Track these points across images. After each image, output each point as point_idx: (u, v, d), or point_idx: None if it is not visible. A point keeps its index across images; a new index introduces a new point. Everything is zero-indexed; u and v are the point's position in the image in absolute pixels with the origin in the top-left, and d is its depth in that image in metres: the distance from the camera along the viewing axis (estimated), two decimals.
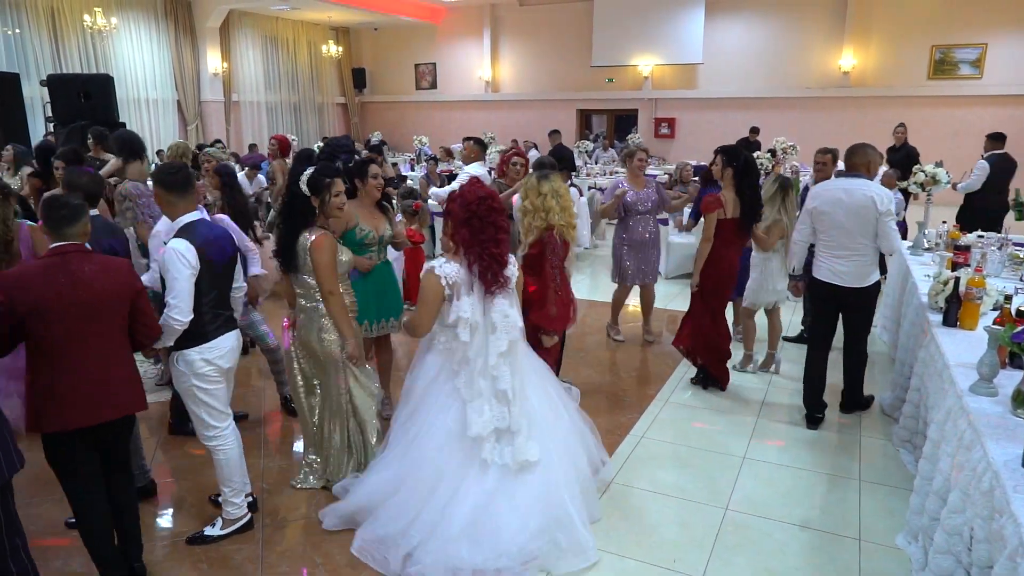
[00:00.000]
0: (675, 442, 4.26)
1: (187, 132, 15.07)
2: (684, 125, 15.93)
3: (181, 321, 2.89)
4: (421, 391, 3.18)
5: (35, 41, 12.26)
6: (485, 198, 3.05)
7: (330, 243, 3.33)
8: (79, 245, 2.63)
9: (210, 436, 3.15)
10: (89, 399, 2.62)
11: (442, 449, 3.06)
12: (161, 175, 3.08)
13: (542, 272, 3.68)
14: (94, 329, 2.62)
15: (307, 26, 17.89)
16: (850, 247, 4.13)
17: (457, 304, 3.04)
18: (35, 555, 3.15)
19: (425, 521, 2.99)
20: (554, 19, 16.73)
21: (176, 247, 2.89)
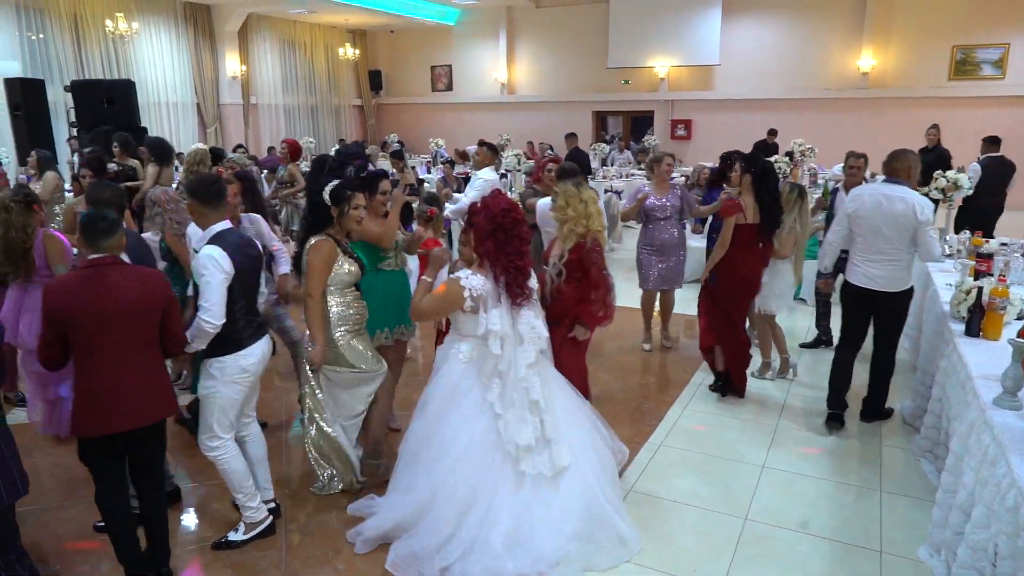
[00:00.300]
0: (694, 450, 4.26)
1: (206, 135, 15.24)
2: (700, 127, 15.87)
3: (214, 324, 2.95)
4: (441, 403, 3.18)
5: (58, 46, 12.45)
6: (509, 210, 3.10)
7: (328, 249, 3.36)
8: (115, 257, 2.74)
9: (213, 446, 3.18)
10: (123, 405, 2.71)
11: (473, 463, 3.06)
12: (196, 187, 3.15)
13: (588, 274, 3.70)
14: (129, 337, 2.71)
15: (324, 29, 18.02)
16: (886, 252, 4.12)
17: (485, 317, 3.07)
18: (65, 558, 3.24)
19: (463, 537, 2.99)
20: (570, 21, 16.72)
21: (210, 253, 2.97)
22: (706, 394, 5.08)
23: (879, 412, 4.56)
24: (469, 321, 3.14)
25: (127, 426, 2.75)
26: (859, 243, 4.23)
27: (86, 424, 2.69)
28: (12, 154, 10.61)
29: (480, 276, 3.10)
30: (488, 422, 3.11)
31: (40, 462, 4.16)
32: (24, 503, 3.70)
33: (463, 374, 3.18)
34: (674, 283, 5.92)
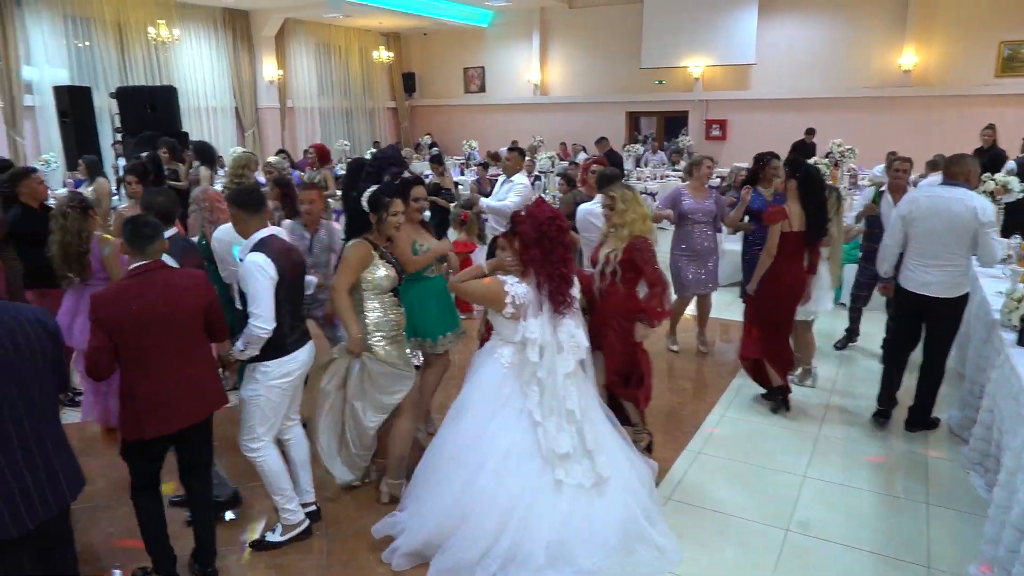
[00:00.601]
0: (733, 459, 4.21)
1: (244, 138, 15.51)
2: (736, 127, 15.67)
3: (266, 329, 3.01)
4: (482, 408, 3.18)
5: (104, 54, 12.77)
6: (554, 218, 3.15)
7: (364, 250, 3.41)
8: (160, 261, 2.83)
9: (254, 448, 3.23)
10: (175, 406, 2.81)
11: (513, 471, 3.06)
12: (237, 196, 3.22)
13: (642, 273, 3.75)
14: (177, 339, 2.80)
15: (359, 32, 18.21)
16: (942, 257, 4.04)
17: (524, 324, 3.09)
18: (116, 555, 3.33)
19: (502, 548, 2.98)
20: (603, 21, 16.64)
21: (255, 260, 3.03)
22: (745, 401, 5.02)
23: (925, 422, 4.45)
24: (510, 327, 3.17)
25: (179, 425, 2.84)
26: (914, 247, 4.16)
27: (138, 427, 2.76)
28: (60, 159, 10.91)
29: (524, 285, 3.12)
30: (527, 429, 3.12)
31: (91, 461, 4.27)
32: (76, 501, 3.82)
33: (504, 379, 3.19)
34: (710, 286, 5.86)
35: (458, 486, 3.09)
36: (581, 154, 14.07)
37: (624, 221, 3.78)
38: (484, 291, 3.20)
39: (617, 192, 3.86)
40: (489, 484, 3.05)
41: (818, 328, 5.37)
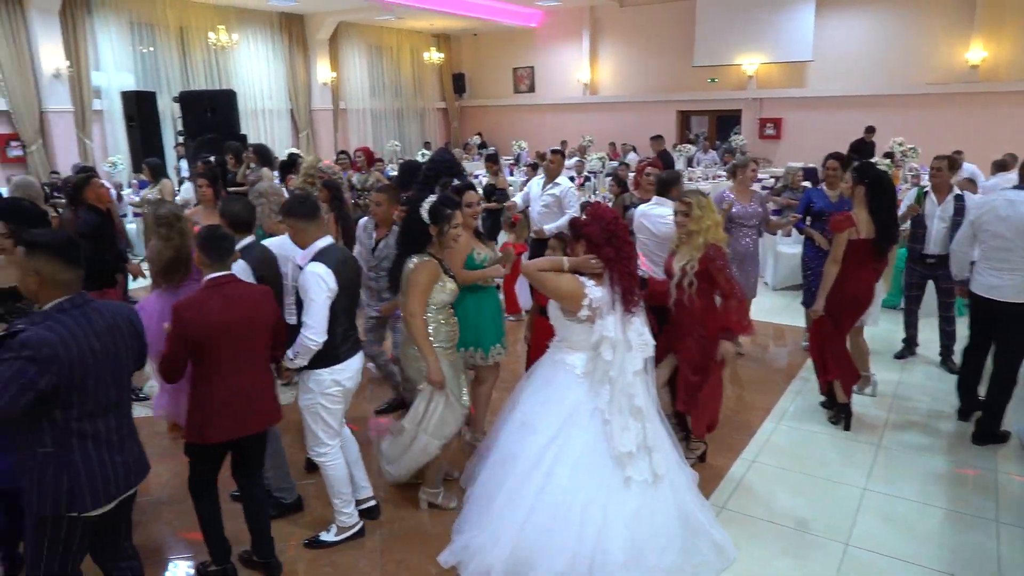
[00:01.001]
0: (790, 468, 4.12)
1: (298, 140, 15.85)
2: (791, 126, 15.31)
3: (316, 341, 3.06)
4: (558, 422, 3.16)
5: (167, 59, 13.22)
6: (616, 217, 3.18)
7: (432, 269, 3.35)
8: (232, 275, 2.91)
9: (322, 452, 3.31)
10: (245, 413, 2.91)
11: (587, 470, 3.07)
12: (291, 208, 3.24)
13: (715, 283, 3.71)
14: (247, 350, 2.89)
15: (410, 34, 18.42)
16: (1010, 260, 3.93)
17: (601, 323, 3.10)
18: (180, 547, 3.45)
19: (587, 551, 2.97)
20: (655, 19, 16.46)
21: (316, 271, 3.06)
22: (801, 408, 4.90)
23: (994, 434, 4.28)
24: (582, 332, 3.16)
25: (247, 431, 2.95)
26: (984, 251, 4.07)
27: (202, 432, 2.87)
28: (127, 161, 11.34)
29: (600, 288, 3.12)
30: (597, 428, 3.13)
31: (154, 454, 4.44)
32: (141, 494, 3.97)
33: (578, 388, 3.17)
34: (751, 292, 5.73)
35: (531, 499, 3.06)
36: (631, 154, 13.94)
37: (700, 228, 3.72)
38: (567, 289, 3.13)
39: (693, 198, 3.79)
40: (566, 488, 3.04)
41: (876, 335, 5.21)
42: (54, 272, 2.26)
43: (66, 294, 2.29)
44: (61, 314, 2.24)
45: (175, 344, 2.78)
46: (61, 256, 2.27)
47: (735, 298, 3.71)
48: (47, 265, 2.25)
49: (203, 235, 2.90)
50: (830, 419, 4.68)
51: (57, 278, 2.26)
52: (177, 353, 2.78)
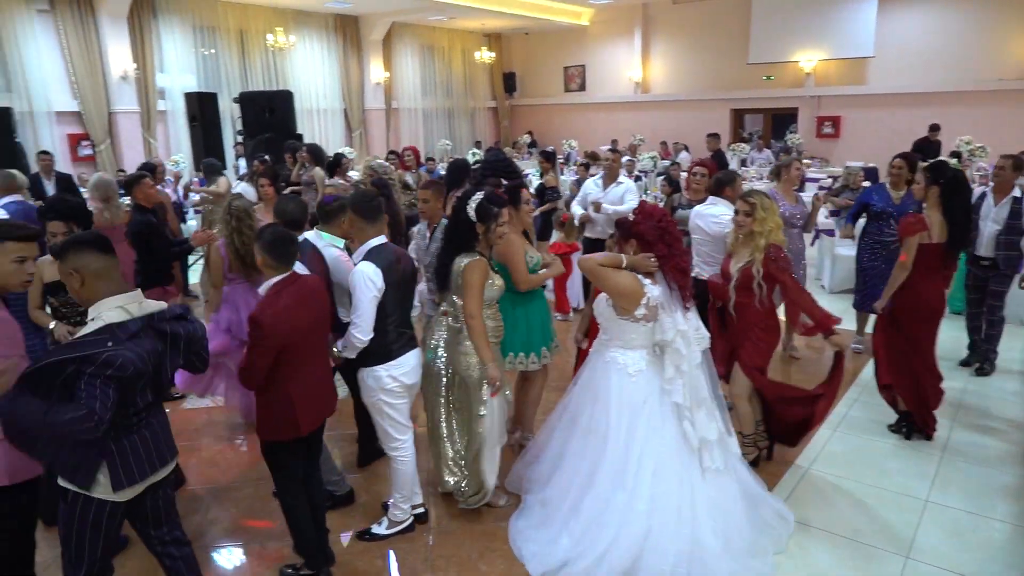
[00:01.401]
0: (847, 477, 4.01)
1: (351, 139, 16.13)
2: (850, 124, 14.87)
3: (362, 339, 3.11)
4: (620, 424, 3.16)
5: (227, 61, 13.63)
6: (665, 215, 3.22)
7: (483, 268, 3.35)
8: (295, 273, 2.95)
9: (393, 447, 3.38)
10: (314, 406, 2.99)
11: (674, 469, 3.11)
12: (357, 203, 3.30)
13: (780, 283, 3.69)
14: (314, 345, 2.97)
15: (462, 34, 18.55)
16: None
17: (670, 320, 3.13)
18: (241, 534, 3.55)
19: (685, 547, 3.01)
20: (709, 16, 16.20)
21: (365, 270, 3.11)
22: (859, 415, 4.76)
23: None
24: (635, 330, 3.17)
25: (319, 422, 3.07)
26: None
27: (295, 426, 2.90)
28: (188, 160, 11.72)
29: (657, 286, 3.14)
30: (675, 425, 3.16)
31: (212, 445, 4.60)
32: (201, 483, 4.11)
33: (636, 388, 3.18)
34: None
35: (621, 506, 3.08)
36: (683, 153, 13.76)
37: (763, 230, 3.68)
38: (627, 286, 3.11)
39: (757, 198, 3.74)
40: (658, 493, 3.06)
41: (939, 341, 5.01)
42: (88, 264, 2.30)
43: (108, 283, 2.33)
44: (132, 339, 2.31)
45: (261, 354, 2.75)
46: (89, 247, 2.32)
47: (802, 298, 3.67)
48: (78, 260, 2.30)
49: (269, 238, 2.88)
50: (891, 427, 4.53)
51: (92, 267, 2.31)
52: (263, 362, 2.76)
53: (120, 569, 3.05)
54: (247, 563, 3.42)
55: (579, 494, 3.23)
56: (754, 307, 3.76)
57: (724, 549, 3.06)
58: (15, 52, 10.77)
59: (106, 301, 2.32)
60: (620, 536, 3.05)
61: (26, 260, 2.51)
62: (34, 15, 10.94)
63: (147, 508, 2.54)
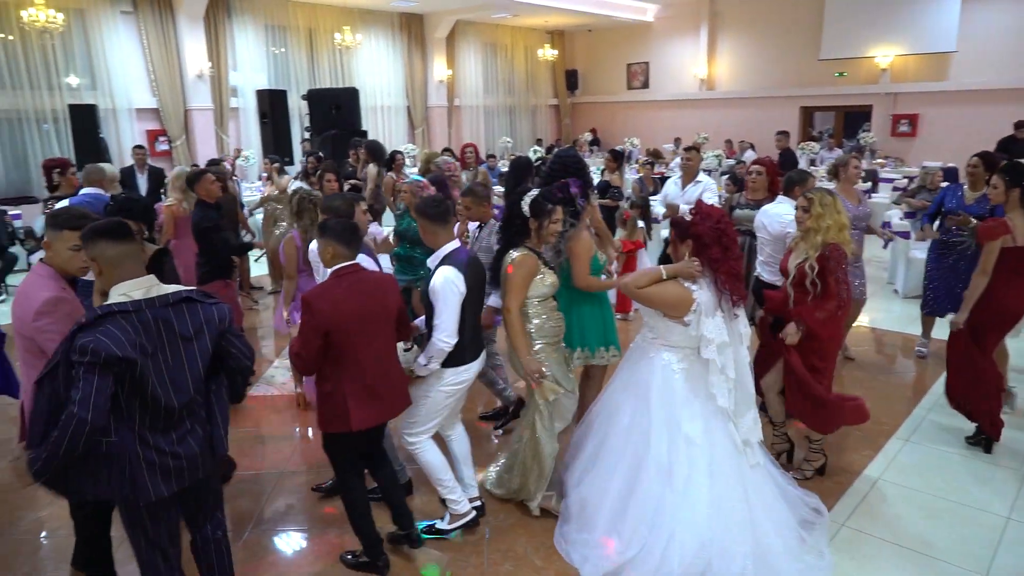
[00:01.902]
0: (920, 489, 3.83)
1: (414, 136, 16.35)
2: (928, 122, 14.23)
3: (449, 344, 3.10)
4: (667, 425, 3.13)
5: (296, 59, 14.02)
6: (724, 216, 3.14)
7: (531, 264, 3.30)
8: (358, 264, 2.98)
9: (411, 441, 3.34)
10: (371, 404, 2.96)
11: (725, 474, 3.07)
12: (426, 208, 3.26)
13: (825, 282, 3.56)
14: (376, 338, 2.96)
15: (525, 31, 18.56)
16: None
17: (709, 322, 3.07)
18: (301, 520, 3.62)
19: (748, 552, 2.98)
20: (779, 10, 15.75)
21: (447, 275, 3.09)
22: (934, 426, 4.54)
23: None
24: (683, 332, 3.12)
25: (380, 420, 3.04)
26: None
27: (362, 418, 2.92)
28: (258, 156, 12.11)
29: (705, 291, 3.08)
30: (723, 426, 3.13)
31: (277, 430, 4.73)
32: (265, 467, 4.22)
33: (680, 385, 3.15)
34: (857, 293, 5.29)
35: (672, 508, 3.04)
36: (748, 152, 13.43)
37: (819, 227, 3.55)
38: (675, 298, 3.07)
39: (815, 194, 3.62)
40: (715, 494, 3.04)
41: (1020, 349, 4.75)
42: (104, 251, 2.28)
43: (123, 270, 2.29)
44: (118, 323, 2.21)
45: (309, 336, 2.78)
46: (104, 235, 2.29)
47: (836, 301, 3.53)
48: (94, 248, 2.29)
49: (338, 227, 2.93)
50: (968, 440, 4.31)
51: (107, 255, 2.28)
52: (311, 344, 2.79)
53: (122, 568, 3.12)
54: (307, 548, 3.49)
55: (623, 495, 3.16)
56: (809, 306, 3.63)
57: (784, 548, 3.04)
58: (100, 52, 11.34)
59: (115, 287, 2.28)
60: (676, 538, 2.98)
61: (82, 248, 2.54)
62: (118, 16, 11.49)
63: (191, 503, 2.55)
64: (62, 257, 2.63)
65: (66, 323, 2.47)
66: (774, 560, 2.98)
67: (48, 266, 2.68)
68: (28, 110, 10.69)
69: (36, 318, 2.51)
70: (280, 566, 3.36)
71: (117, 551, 3.14)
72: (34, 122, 10.80)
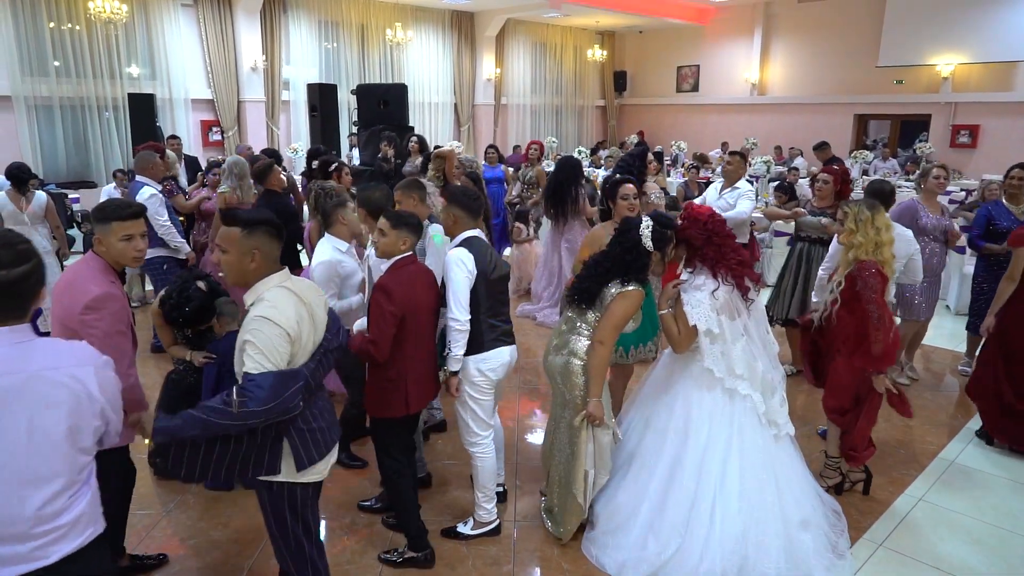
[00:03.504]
0: (963, 512, 3.70)
1: (460, 133, 16.44)
2: (990, 133, 13.70)
3: (460, 320, 3.09)
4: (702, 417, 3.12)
5: (347, 54, 14.23)
6: (712, 214, 3.14)
7: (638, 300, 3.14)
8: (413, 255, 3.12)
9: (472, 442, 3.34)
10: (424, 387, 3.13)
11: (762, 464, 3.07)
12: (462, 198, 3.31)
13: (853, 307, 3.45)
14: (424, 327, 3.09)
15: (575, 31, 18.49)
16: None
17: (730, 325, 3.08)
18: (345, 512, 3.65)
19: (781, 547, 3.01)
20: (837, 15, 15.35)
21: (457, 254, 3.14)
22: (982, 447, 4.38)
23: None
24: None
25: (428, 401, 3.21)
26: None
27: (406, 403, 3.06)
28: (307, 148, 12.30)
29: (722, 290, 3.08)
30: (755, 417, 3.11)
31: None
32: None
33: (714, 383, 3.13)
34: (928, 313, 5.19)
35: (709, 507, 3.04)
36: (799, 159, 13.16)
37: (851, 243, 3.45)
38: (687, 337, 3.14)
39: (852, 208, 3.50)
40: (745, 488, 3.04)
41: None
42: (264, 243, 2.28)
43: (275, 264, 2.32)
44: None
45: (388, 321, 2.89)
46: (267, 229, 2.30)
47: (879, 327, 3.35)
48: (257, 239, 2.27)
49: (399, 217, 3.08)
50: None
51: (265, 248, 2.29)
52: (390, 329, 2.91)
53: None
54: (341, 543, 3.47)
55: (661, 495, 3.12)
56: (845, 321, 3.50)
57: (813, 545, 3.05)
58: (160, 43, 11.69)
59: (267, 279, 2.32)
60: (715, 533, 2.96)
61: (133, 238, 2.61)
62: (179, 9, 11.84)
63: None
64: (116, 249, 2.61)
65: (112, 321, 2.52)
66: (803, 555, 3.00)
67: (100, 258, 2.63)
68: (91, 98, 11.07)
69: (84, 312, 2.49)
70: None
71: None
72: (96, 110, 11.18)
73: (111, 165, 10.88)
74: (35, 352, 1.77)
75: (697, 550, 2.97)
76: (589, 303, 3.18)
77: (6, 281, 1.71)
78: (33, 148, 10.52)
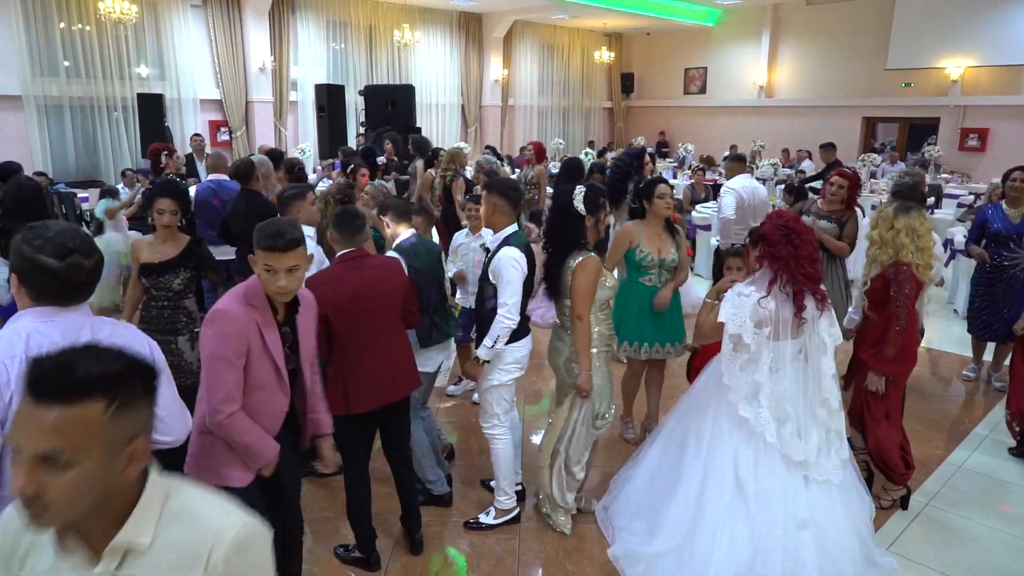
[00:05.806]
0: (972, 517, 3.67)
1: (467, 134, 16.46)
2: (999, 137, 13.63)
3: (514, 320, 3.14)
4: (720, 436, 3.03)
5: (354, 55, 14.27)
6: (796, 218, 2.97)
7: (595, 266, 3.22)
8: (362, 250, 3.04)
9: (491, 424, 3.38)
10: (372, 387, 2.97)
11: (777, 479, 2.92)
12: (505, 189, 3.34)
13: (884, 309, 3.43)
14: (382, 319, 3.00)
15: (582, 33, 18.49)
16: None
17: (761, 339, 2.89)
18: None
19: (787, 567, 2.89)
20: (845, 17, 15.31)
21: (511, 254, 3.14)
22: (992, 453, 4.34)
23: None
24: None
25: (391, 399, 3.04)
26: None
27: (346, 404, 2.93)
28: (314, 149, 12.36)
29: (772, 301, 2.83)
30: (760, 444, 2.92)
31: None
32: None
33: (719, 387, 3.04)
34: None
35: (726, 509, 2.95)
36: (806, 161, 13.12)
37: (871, 238, 3.49)
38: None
39: (882, 208, 3.52)
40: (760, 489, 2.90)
41: None
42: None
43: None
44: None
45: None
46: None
47: (896, 329, 3.33)
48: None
49: (337, 214, 3.08)
50: (1011, 450, 4.16)
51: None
52: (318, 329, 2.77)
53: None
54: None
55: (663, 499, 3.14)
56: (873, 323, 3.50)
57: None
58: (170, 43, 11.74)
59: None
60: (717, 550, 2.89)
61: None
62: (188, 9, 11.89)
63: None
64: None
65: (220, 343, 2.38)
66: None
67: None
68: (100, 98, 11.12)
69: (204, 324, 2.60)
70: None
71: None
72: (105, 110, 11.24)
73: (120, 165, 10.93)
74: (104, 326, 1.93)
75: (700, 556, 2.91)
76: (555, 288, 3.31)
77: (88, 268, 1.86)
78: (43, 147, 10.59)
